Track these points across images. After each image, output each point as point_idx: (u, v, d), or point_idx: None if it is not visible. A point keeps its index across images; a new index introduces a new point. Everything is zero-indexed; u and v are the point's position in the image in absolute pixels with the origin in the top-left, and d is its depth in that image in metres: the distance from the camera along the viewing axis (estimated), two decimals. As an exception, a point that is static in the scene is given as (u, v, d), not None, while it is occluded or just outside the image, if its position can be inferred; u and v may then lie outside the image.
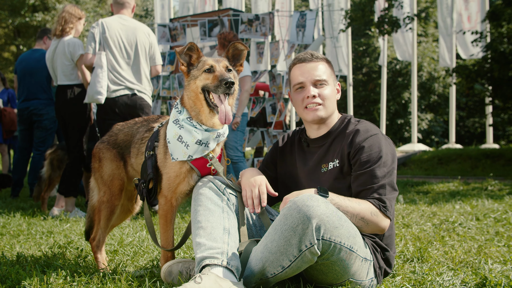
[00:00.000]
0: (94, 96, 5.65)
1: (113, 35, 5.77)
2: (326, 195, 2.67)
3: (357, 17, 13.01)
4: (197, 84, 2.92)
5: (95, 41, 5.77)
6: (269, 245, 2.56)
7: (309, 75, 2.98)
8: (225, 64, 2.95)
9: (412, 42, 19.99)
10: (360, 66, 31.08)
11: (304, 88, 3.00)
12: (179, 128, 2.94)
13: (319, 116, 2.98)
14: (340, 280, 2.67)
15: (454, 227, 4.80)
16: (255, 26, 10.47)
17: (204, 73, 2.90)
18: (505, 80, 12.22)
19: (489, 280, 2.79)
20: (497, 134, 25.58)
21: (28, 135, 7.78)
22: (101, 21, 5.84)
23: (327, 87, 3.00)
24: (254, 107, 10.16)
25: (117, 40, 5.77)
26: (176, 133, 2.93)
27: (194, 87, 2.93)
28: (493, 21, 12.99)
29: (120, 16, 5.93)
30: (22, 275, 2.91)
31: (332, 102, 3.02)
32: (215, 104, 2.86)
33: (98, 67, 5.68)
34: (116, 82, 5.74)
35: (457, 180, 9.91)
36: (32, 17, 25.42)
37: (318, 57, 3.04)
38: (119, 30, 5.80)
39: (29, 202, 7.15)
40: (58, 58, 6.24)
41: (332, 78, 3.06)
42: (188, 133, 2.91)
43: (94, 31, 5.79)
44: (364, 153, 2.80)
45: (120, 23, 5.85)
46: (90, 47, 5.80)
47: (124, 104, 5.74)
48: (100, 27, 5.78)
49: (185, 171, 2.95)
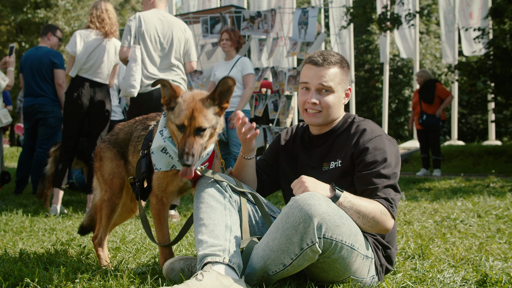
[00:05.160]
0: (127, 90, 5.59)
1: (149, 29, 5.69)
2: (341, 191, 2.68)
3: (358, 14, 12.99)
4: (173, 131, 2.82)
5: (131, 35, 5.68)
6: (271, 243, 2.57)
7: (315, 80, 2.93)
8: (198, 122, 2.72)
9: (414, 39, 19.96)
10: (362, 63, 31.03)
11: (308, 90, 2.97)
12: (164, 140, 2.89)
13: (315, 123, 2.98)
14: (342, 277, 2.68)
15: (455, 224, 4.81)
16: (257, 23, 10.46)
17: (175, 126, 2.77)
18: (507, 76, 12.21)
19: (490, 277, 2.80)
20: (500, 131, 25.52)
21: (33, 133, 7.80)
22: (138, 14, 5.77)
23: (331, 95, 2.94)
24: (257, 105, 10.17)
25: (153, 34, 5.70)
26: (161, 145, 2.88)
27: (171, 129, 2.84)
28: (495, 17, 12.97)
29: (157, 10, 5.86)
30: (25, 272, 2.92)
31: (333, 110, 2.97)
32: None
33: (132, 61, 5.61)
34: (149, 76, 5.66)
35: (459, 177, 9.91)
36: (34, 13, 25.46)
37: (331, 61, 2.94)
38: (155, 24, 5.72)
39: (32, 199, 7.17)
40: (106, 55, 6.30)
41: (342, 84, 2.98)
42: (173, 146, 2.87)
43: (130, 24, 5.71)
44: (369, 154, 2.79)
45: (157, 17, 5.77)
46: (125, 41, 5.70)
47: (158, 98, 5.65)
48: (136, 21, 5.70)
49: (171, 174, 2.95)
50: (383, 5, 13.56)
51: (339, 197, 2.64)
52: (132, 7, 36.82)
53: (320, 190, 2.64)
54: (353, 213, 2.65)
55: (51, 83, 7.61)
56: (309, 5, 21.28)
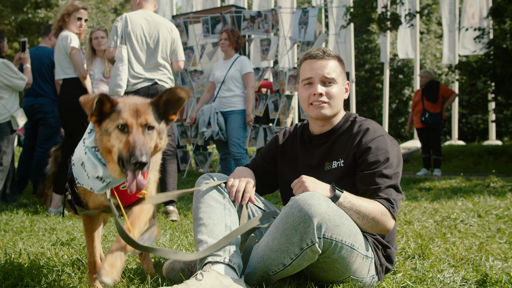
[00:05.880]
0: (114, 89, 5.69)
1: (135, 29, 5.77)
2: (341, 191, 2.68)
3: (358, 13, 12.99)
4: (111, 143, 2.34)
5: (117, 35, 5.78)
6: (271, 243, 2.58)
7: (318, 72, 2.94)
8: (145, 119, 2.36)
9: (414, 39, 19.95)
10: (363, 62, 31.03)
11: (312, 84, 2.98)
12: (85, 152, 2.49)
13: (323, 114, 2.96)
14: (342, 277, 2.68)
15: (455, 224, 4.80)
16: (257, 23, 10.46)
17: (117, 130, 2.33)
18: (507, 76, 12.21)
19: (490, 277, 2.79)
20: (500, 131, 25.52)
21: (33, 133, 7.80)
22: (125, 15, 5.85)
23: (335, 86, 2.96)
24: (257, 105, 10.17)
25: (139, 34, 5.78)
26: (81, 158, 2.51)
27: (108, 145, 2.35)
28: (496, 17, 12.97)
29: (144, 11, 5.94)
30: (25, 272, 2.93)
31: (338, 101, 2.99)
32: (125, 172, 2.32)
33: (118, 61, 5.71)
34: (135, 76, 5.74)
35: (460, 177, 9.91)
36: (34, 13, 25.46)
37: (330, 54, 2.99)
38: (141, 24, 5.80)
39: (32, 199, 7.17)
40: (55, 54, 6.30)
41: (342, 77, 3.02)
42: (91, 164, 2.45)
43: (117, 25, 5.81)
44: (371, 154, 2.79)
45: (144, 18, 5.85)
46: (112, 41, 5.80)
47: (145, 95, 5.70)
48: (123, 21, 5.79)
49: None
50: (383, 5, 13.56)
51: (339, 197, 2.64)
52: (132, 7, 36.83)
53: (320, 190, 2.64)
54: (353, 213, 2.65)
55: (51, 83, 7.61)
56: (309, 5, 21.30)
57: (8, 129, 6.43)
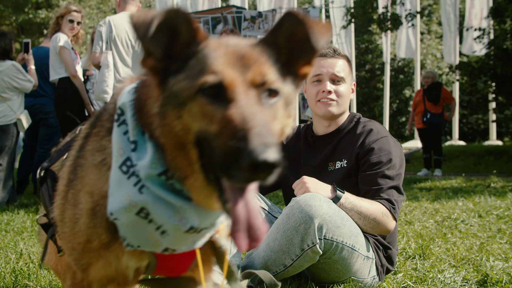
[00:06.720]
0: (101, 95, 5.73)
1: (120, 33, 5.78)
2: (343, 192, 2.68)
3: (358, 14, 12.99)
4: (185, 125, 1.26)
5: (102, 40, 5.79)
6: (272, 244, 2.58)
7: (328, 70, 2.95)
8: (260, 73, 1.28)
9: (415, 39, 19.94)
10: (363, 63, 31.02)
11: (321, 82, 2.98)
12: (139, 191, 1.37)
13: (330, 112, 2.95)
14: (342, 278, 2.68)
15: (456, 224, 4.80)
16: (258, 23, 10.47)
17: (202, 96, 1.24)
18: (508, 76, 12.21)
19: (491, 277, 2.80)
20: (500, 131, 25.51)
21: (34, 133, 7.79)
22: (108, 19, 5.85)
23: (343, 85, 2.97)
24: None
25: (124, 39, 5.79)
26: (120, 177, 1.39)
27: (179, 130, 1.27)
28: (496, 17, 12.97)
29: (126, 13, 5.93)
30: (26, 272, 2.93)
31: (346, 101, 3.00)
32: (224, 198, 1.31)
33: (104, 67, 5.74)
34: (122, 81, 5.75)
35: (460, 177, 9.91)
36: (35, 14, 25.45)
37: (340, 53, 3.01)
38: (126, 28, 5.80)
39: (33, 199, 7.17)
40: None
41: (350, 77, 3.04)
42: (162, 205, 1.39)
43: (101, 30, 5.81)
44: (374, 155, 2.79)
45: (127, 21, 5.85)
46: (97, 46, 5.83)
47: None
48: (107, 26, 5.79)
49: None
50: (384, 5, 13.56)
51: (340, 198, 2.64)
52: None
53: (321, 191, 2.64)
54: (354, 214, 2.65)
55: (51, 83, 7.61)
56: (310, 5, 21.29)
57: (14, 131, 6.48)
